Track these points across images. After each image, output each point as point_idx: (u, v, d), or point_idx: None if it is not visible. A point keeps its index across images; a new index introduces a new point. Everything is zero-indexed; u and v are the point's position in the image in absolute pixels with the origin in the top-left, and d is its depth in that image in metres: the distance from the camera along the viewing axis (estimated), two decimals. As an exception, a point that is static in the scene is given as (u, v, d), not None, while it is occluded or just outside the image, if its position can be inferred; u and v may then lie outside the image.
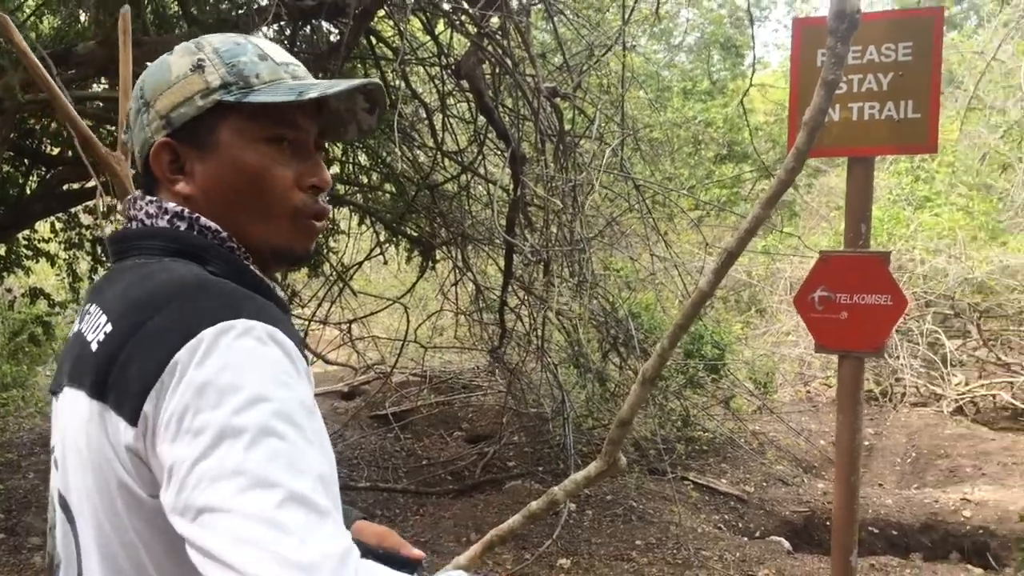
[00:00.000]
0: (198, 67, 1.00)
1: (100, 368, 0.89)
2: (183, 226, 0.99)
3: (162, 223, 1.00)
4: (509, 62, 5.58)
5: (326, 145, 1.11)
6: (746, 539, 5.12)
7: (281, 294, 1.04)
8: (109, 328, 0.91)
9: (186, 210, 1.00)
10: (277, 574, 0.73)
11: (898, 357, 8.23)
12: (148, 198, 1.02)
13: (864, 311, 2.82)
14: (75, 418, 0.93)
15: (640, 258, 7.18)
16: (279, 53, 1.05)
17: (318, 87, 0.99)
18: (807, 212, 13.65)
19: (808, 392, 8.92)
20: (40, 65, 1.83)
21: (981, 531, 5.19)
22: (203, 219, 0.99)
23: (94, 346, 0.92)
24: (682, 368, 6.33)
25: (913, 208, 10.90)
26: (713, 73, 17.05)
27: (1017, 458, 6.21)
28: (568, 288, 5.98)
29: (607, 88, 6.74)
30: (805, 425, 7.33)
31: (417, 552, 1.24)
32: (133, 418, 0.84)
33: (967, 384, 8.30)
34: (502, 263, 6.44)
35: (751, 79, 4.43)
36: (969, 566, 4.84)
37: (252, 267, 1.01)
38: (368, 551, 1.21)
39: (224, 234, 1.00)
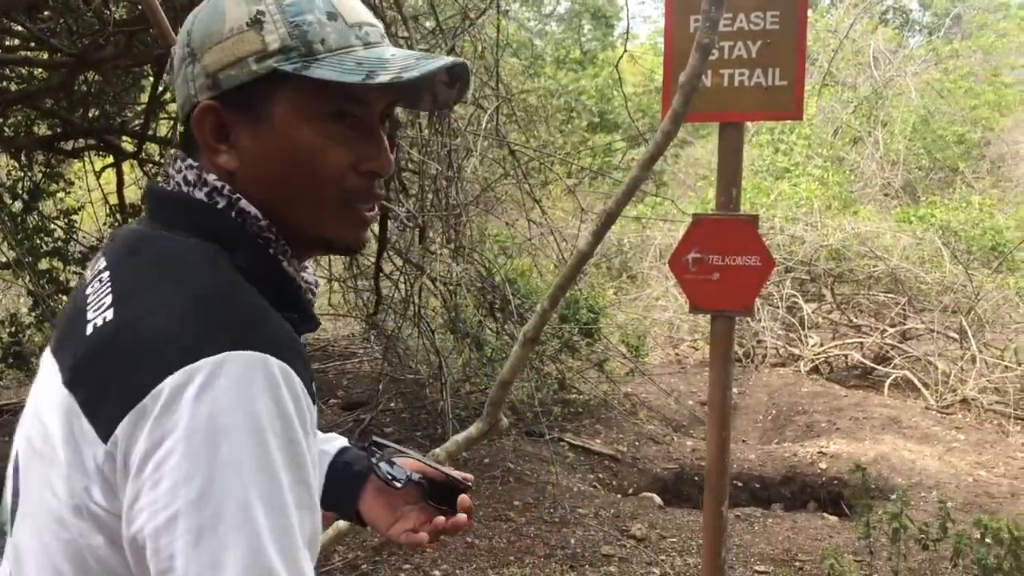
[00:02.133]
0: (256, 21, 0.86)
1: (83, 358, 0.82)
2: (221, 203, 0.89)
3: (199, 195, 0.89)
4: (380, 23, 5.46)
5: (395, 116, 0.96)
6: (620, 496, 5.28)
7: (310, 287, 0.97)
8: (109, 315, 0.82)
9: (227, 187, 0.89)
10: None
11: (760, 320, 8.62)
12: (189, 161, 0.91)
13: (735, 272, 2.92)
14: (49, 392, 0.85)
15: (516, 224, 7.22)
16: (351, 10, 0.91)
17: (391, 68, 0.87)
18: (675, 182, 14.07)
19: (677, 355, 9.25)
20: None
21: (836, 481, 5.53)
22: (243, 202, 0.89)
23: (89, 329, 0.83)
24: (558, 332, 6.43)
25: (774, 179, 11.40)
26: (584, 43, 17.25)
27: (867, 413, 6.64)
28: (445, 253, 5.96)
29: (481, 53, 6.69)
30: (674, 386, 7.59)
31: (464, 474, 1.16)
32: (105, 435, 0.76)
33: (822, 345, 8.80)
34: (376, 228, 6.34)
35: (625, 46, 4.49)
36: (825, 514, 5.16)
37: (285, 264, 0.92)
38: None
39: (263, 223, 0.89)
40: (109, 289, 0.85)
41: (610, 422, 6.49)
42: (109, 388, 0.77)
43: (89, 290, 0.88)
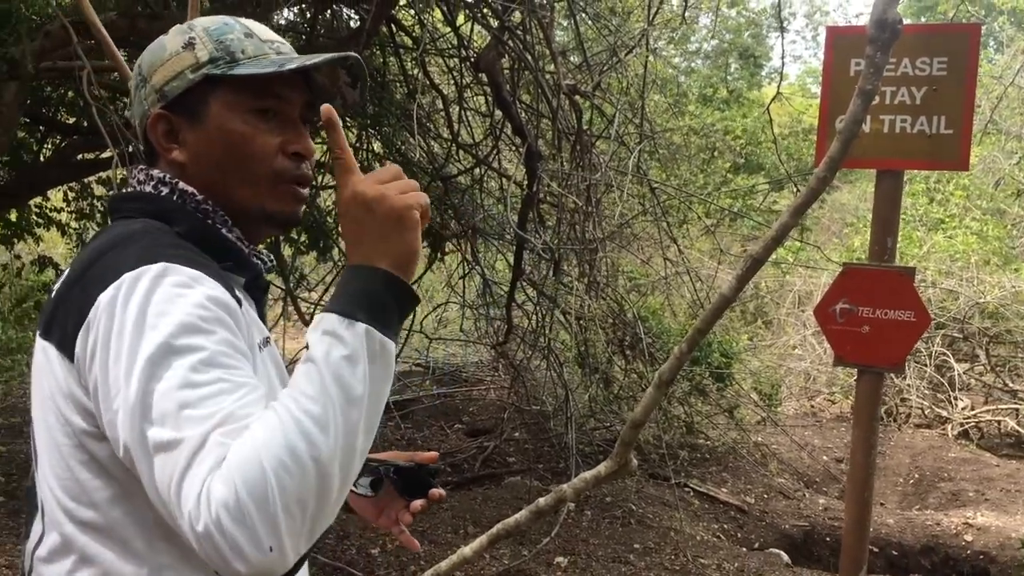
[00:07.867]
0: (189, 44, 1.10)
1: (50, 312, 1.02)
2: (165, 191, 1.09)
3: (148, 188, 1.10)
4: (529, 57, 5.54)
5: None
6: (745, 550, 5.08)
7: (259, 258, 1.14)
8: (64, 276, 1.03)
9: (167, 176, 1.09)
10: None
11: (905, 377, 8.18)
12: (140, 167, 1.12)
13: (886, 326, 2.78)
14: (36, 360, 1.04)
15: (651, 261, 7.14)
16: (265, 32, 1.13)
17: (298, 60, 1.08)
18: (818, 227, 13.61)
19: (812, 407, 8.88)
20: (108, 37, 1.81)
21: (982, 556, 5.15)
22: (182, 184, 1.09)
23: (53, 294, 1.04)
24: (688, 375, 6.30)
25: (927, 229, 10.85)
26: (730, 82, 17.00)
27: (1020, 485, 6.17)
28: (579, 288, 5.95)
29: (626, 89, 6.69)
30: (808, 440, 7.29)
31: (429, 454, 1.33)
32: (70, 355, 0.95)
33: (973, 409, 8.26)
34: (512, 259, 6.40)
35: (779, 88, 4.38)
36: (968, 590, 4.81)
37: (224, 230, 1.10)
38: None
39: (200, 197, 1.08)
40: (70, 267, 1.05)
41: (738, 471, 6.28)
42: (67, 322, 0.96)
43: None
